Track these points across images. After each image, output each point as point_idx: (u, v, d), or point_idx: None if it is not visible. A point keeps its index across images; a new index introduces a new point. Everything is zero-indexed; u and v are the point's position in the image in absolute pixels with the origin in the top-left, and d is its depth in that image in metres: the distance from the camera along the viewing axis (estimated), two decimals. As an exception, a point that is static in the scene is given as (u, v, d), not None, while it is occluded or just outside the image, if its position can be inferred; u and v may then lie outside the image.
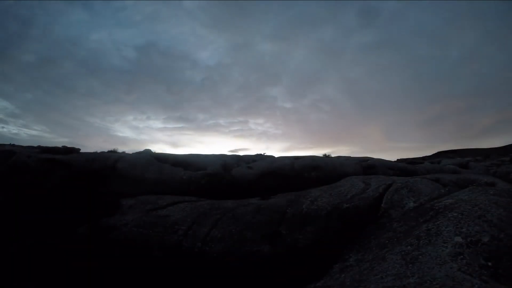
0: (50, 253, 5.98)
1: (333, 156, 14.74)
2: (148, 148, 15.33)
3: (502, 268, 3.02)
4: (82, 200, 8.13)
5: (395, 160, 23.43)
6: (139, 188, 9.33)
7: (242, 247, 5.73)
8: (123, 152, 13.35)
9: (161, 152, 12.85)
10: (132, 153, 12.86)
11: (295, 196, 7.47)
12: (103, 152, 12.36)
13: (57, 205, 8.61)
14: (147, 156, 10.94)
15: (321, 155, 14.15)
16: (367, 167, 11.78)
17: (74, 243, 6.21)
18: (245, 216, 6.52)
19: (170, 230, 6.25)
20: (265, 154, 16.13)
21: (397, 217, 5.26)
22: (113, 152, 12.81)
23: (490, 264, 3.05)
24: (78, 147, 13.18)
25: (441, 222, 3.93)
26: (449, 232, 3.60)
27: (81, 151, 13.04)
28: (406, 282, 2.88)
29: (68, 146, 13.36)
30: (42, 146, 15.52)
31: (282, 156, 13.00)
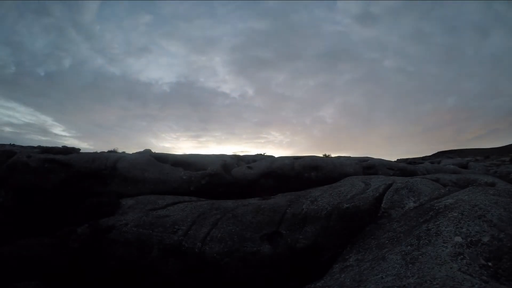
0: (50, 253, 5.97)
1: (333, 156, 14.70)
2: (148, 148, 15.31)
3: (502, 268, 3.02)
4: (82, 200, 8.13)
5: (395, 160, 23.39)
6: (139, 188, 9.32)
7: (242, 247, 5.73)
8: (123, 152, 13.32)
9: (161, 152, 12.81)
10: (132, 153, 12.82)
11: (295, 196, 7.46)
12: (103, 152, 12.33)
13: (57, 205, 8.61)
14: (147, 156, 10.90)
15: (321, 155, 14.12)
16: (367, 167, 11.76)
17: (74, 243, 6.21)
18: (245, 216, 6.52)
19: (170, 230, 6.25)
20: (265, 154, 16.11)
21: (397, 217, 5.26)
22: (113, 152, 12.78)
23: (490, 264, 3.05)
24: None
25: (441, 222, 3.93)
26: (449, 232, 3.60)
27: (81, 151, 13.02)
28: (406, 282, 2.88)
29: (68, 146, 13.36)
30: (42, 146, 15.54)
31: (282, 156, 12.93)
